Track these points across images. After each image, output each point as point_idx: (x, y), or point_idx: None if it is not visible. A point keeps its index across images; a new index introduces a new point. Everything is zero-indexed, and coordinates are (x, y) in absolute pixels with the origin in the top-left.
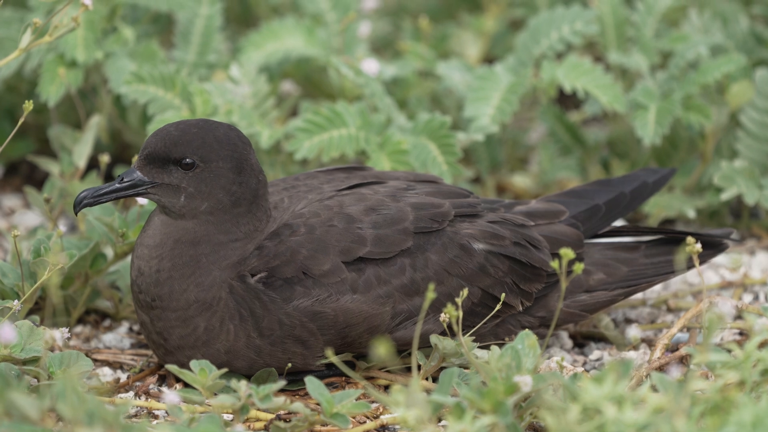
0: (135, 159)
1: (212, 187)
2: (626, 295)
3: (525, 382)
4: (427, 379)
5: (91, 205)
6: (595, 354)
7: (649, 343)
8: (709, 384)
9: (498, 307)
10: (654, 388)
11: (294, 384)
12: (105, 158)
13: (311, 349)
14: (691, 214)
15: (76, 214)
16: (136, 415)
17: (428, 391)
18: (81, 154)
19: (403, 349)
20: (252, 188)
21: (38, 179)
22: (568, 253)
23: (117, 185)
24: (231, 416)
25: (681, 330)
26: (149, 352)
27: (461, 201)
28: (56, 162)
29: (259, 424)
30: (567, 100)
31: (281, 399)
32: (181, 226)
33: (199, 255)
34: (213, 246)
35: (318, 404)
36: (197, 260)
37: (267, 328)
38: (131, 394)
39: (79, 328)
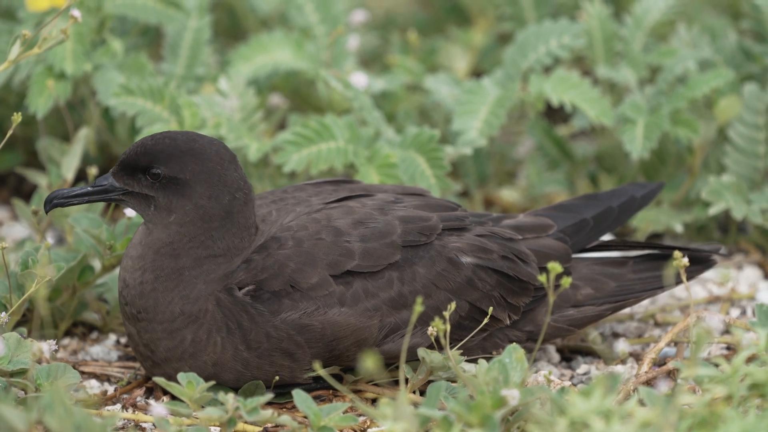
0: None
1: (179, 198)
2: (614, 310)
3: (512, 395)
4: (414, 392)
5: (62, 206)
6: (582, 368)
7: (637, 357)
8: (696, 398)
9: (485, 320)
10: (641, 402)
11: (281, 397)
12: (93, 170)
13: (299, 362)
14: (679, 228)
15: (46, 212)
16: (123, 428)
17: (416, 405)
18: (69, 167)
19: (390, 363)
20: (223, 204)
21: (26, 191)
22: (555, 267)
23: (89, 189)
24: (218, 429)
25: (669, 344)
26: (137, 365)
27: (449, 214)
28: (44, 174)
29: None
30: (555, 114)
31: (269, 412)
32: (157, 237)
33: (180, 268)
34: (193, 260)
35: (305, 417)
36: (180, 273)
37: (254, 340)
38: (118, 406)
39: (66, 341)
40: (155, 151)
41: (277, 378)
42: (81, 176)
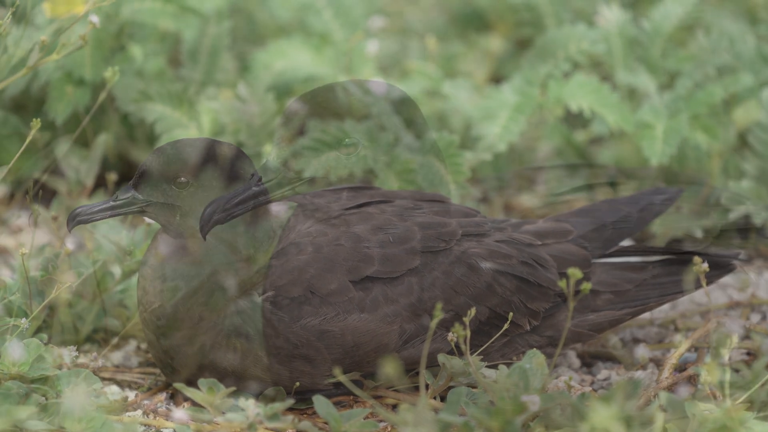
0: None
1: (203, 206)
2: (634, 314)
3: (533, 401)
4: (435, 398)
5: (85, 222)
6: (603, 373)
7: (657, 362)
8: (717, 404)
9: (506, 326)
10: (662, 408)
11: (302, 403)
12: (112, 176)
13: (319, 368)
14: (699, 233)
15: (69, 230)
16: None
17: (436, 411)
18: (88, 173)
19: (410, 368)
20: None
21: (45, 197)
22: (575, 272)
23: (111, 203)
24: None
25: (689, 350)
26: (157, 371)
27: (468, 220)
28: (64, 180)
29: None
30: (574, 120)
31: (289, 417)
32: (180, 245)
33: (201, 275)
34: (214, 266)
35: (326, 423)
36: (199, 280)
37: (274, 346)
38: (139, 412)
39: (86, 346)
40: (179, 159)
41: (297, 384)
42: (100, 182)
